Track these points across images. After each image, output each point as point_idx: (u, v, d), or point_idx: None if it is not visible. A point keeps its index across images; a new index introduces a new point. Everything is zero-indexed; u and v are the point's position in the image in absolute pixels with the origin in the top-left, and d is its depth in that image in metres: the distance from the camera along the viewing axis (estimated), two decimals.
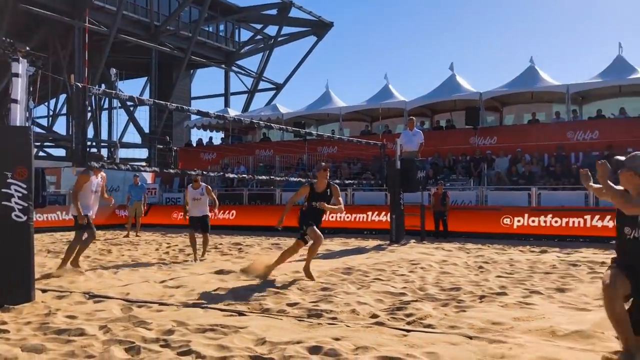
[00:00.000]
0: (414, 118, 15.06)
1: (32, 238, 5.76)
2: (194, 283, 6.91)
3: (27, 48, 5.57)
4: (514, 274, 7.63)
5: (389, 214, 13.47)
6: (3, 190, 5.43)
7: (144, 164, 27.05)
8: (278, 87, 41.58)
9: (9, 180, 5.47)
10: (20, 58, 5.55)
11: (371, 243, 12.81)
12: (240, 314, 5.07)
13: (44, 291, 6.26)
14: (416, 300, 5.61)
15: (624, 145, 15.42)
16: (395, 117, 22.02)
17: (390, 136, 18.86)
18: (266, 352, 3.74)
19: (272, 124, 12.54)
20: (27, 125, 5.76)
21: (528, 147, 17.45)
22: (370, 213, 16.13)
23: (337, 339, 4.03)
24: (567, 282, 6.83)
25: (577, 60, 75.03)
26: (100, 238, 14.98)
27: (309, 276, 7.08)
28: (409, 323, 4.62)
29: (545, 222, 13.71)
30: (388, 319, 4.79)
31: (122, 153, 35.77)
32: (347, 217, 16.41)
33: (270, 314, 5.06)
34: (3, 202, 5.45)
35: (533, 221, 13.87)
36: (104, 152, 35.05)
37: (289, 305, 5.43)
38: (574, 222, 13.36)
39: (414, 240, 13.03)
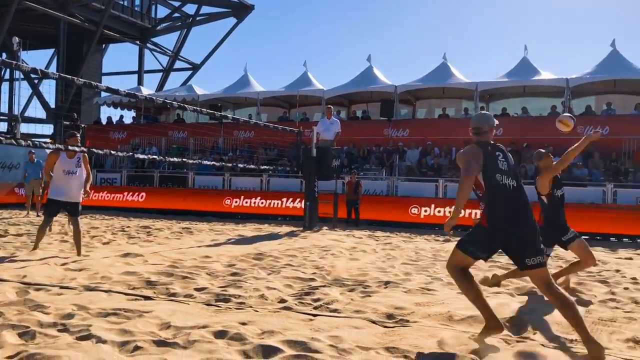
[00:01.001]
0: (332, 107, 15.24)
1: None
2: (98, 266, 6.66)
3: None
4: (418, 262, 7.96)
5: (303, 201, 13.59)
6: None
7: (48, 140, 25.55)
8: (195, 68, 40.54)
9: None
10: None
11: (284, 229, 12.89)
12: (146, 298, 4.96)
13: None
14: (324, 286, 5.73)
15: (526, 142, 16.45)
16: (313, 104, 22.16)
17: (307, 124, 18.99)
18: (170, 337, 3.69)
19: (186, 105, 12.25)
20: None
21: (438, 141, 18.14)
22: (284, 199, 16.21)
23: (243, 324, 4.04)
24: None
25: (486, 60, 78.69)
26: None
27: None
28: (315, 308, 4.72)
29: (450, 212, 14.35)
30: (296, 304, 4.86)
31: (24, 128, 33.64)
32: (262, 203, 16.41)
33: (177, 299, 4.98)
34: None
35: (439, 211, 14.49)
36: (3, 126, 32.81)
37: (197, 290, 5.37)
38: (476, 213, 14.09)
39: (326, 227, 13.25)
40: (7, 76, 37.78)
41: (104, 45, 38.51)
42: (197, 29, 43.44)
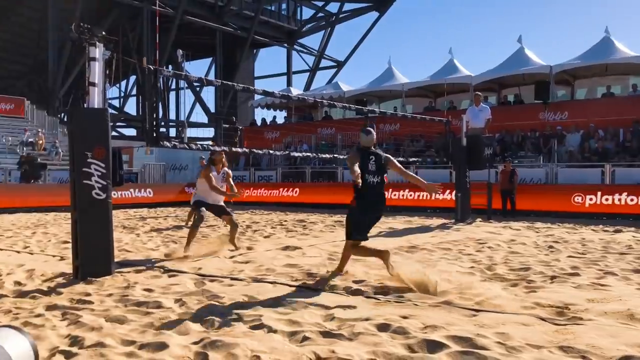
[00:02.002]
0: (480, 94, 14.66)
1: (111, 215, 6.06)
2: (262, 259, 7.08)
3: (103, 32, 5.79)
4: (586, 254, 7.37)
5: (453, 192, 13.25)
6: (84, 169, 5.73)
7: (211, 143, 27.72)
8: (339, 65, 41.43)
9: (89, 160, 5.76)
10: (97, 42, 5.78)
11: (435, 221, 12.68)
12: (309, 289, 5.17)
13: (121, 265, 6.60)
14: (484, 280, 5.54)
15: None
16: (460, 92, 21.50)
17: (455, 112, 18.47)
18: (335, 328, 3.81)
19: (334, 103, 12.54)
20: (104, 107, 6.03)
21: (602, 122, 16.64)
22: None
23: (405, 317, 4.05)
24: None
25: None
26: (172, 214, 15.58)
27: None
28: (477, 303, 4.58)
29: (619, 200, 13.13)
30: (456, 299, 4.76)
31: (190, 132, 36.84)
32: (410, 195, 16.28)
33: (337, 291, 5.12)
34: (84, 181, 5.76)
35: (607, 199, 13.29)
36: (172, 131, 36.17)
37: (355, 282, 5.48)
38: None
39: (480, 219, 12.79)
40: (173, 86, 41.57)
41: (255, 50, 40.81)
42: (340, 27, 44.31)
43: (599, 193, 13.46)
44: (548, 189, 14.78)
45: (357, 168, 5.36)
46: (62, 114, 31.99)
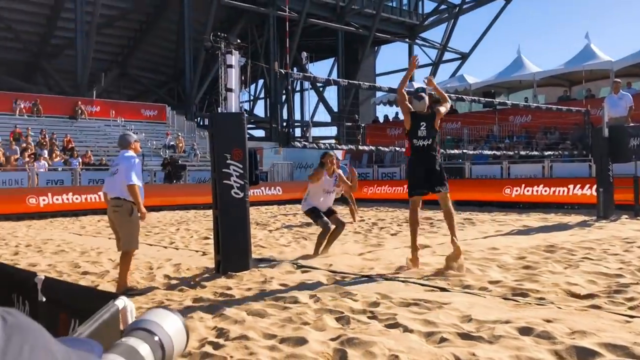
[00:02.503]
0: (619, 80, 13.48)
1: (248, 212, 6.39)
2: (391, 257, 7.07)
3: (238, 41, 6.11)
4: None
5: (594, 187, 12.31)
6: (224, 170, 6.09)
7: (333, 141, 28.21)
8: (464, 57, 40.19)
9: (228, 161, 6.11)
10: (233, 50, 6.11)
11: (574, 219, 11.86)
12: (442, 289, 5.08)
13: (257, 260, 6.92)
14: (637, 283, 5.08)
15: None
16: (599, 79, 19.92)
17: (594, 101, 17.14)
18: (474, 330, 3.71)
19: (462, 96, 12.18)
20: (240, 111, 6.36)
21: None
22: (571, 186, 14.89)
23: (548, 321, 3.83)
24: None
25: None
26: (300, 212, 16.06)
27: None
28: (631, 308, 4.21)
29: None
30: (605, 303, 4.41)
31: (314, 132, 37.74)
32: (545, 191, 15.38)
33: (472, 291, 4.98)
34: (224, 181, 6.12)
35: None
36: (297, 131, 37.24)
37: (491, 282, 5.28)
38: None
39: (626, 216, 11.75)
40: (297, 87, 42.81)
41: (376, 48, 40.84)
42: (463, 17, 42.95)
43: None
44: None
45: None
46: (198, 118, 34.25)
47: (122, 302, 2.09)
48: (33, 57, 31.20)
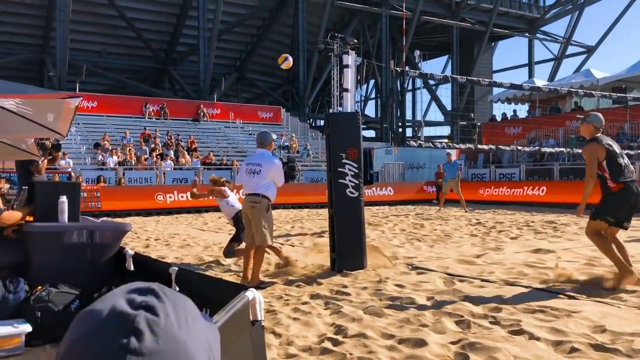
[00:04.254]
0: None
1: (363, 212, 6.40)
2: (512, 261, 6.76)
3: (355, 41, 6.13)
4: None
5: None
6: (339, 169, 6.16)
7: (446, 141, 27.56)
8: (590, 51, 37.58)
9: (344, 161, 6.16)
10: (350, 50, 6.14)
11: None
12: (571, 297, 4.76)
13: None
14: None
15: None
16: None
17: None
18: (608, 342, 3.43)
19: (590, 92, 11.37)
20: (356, 110, 6.39)
21: None
22: None
23: None
24: None
25: None
26: (412, 212, 15.87)
27: None
28: None
29: None
30: None
31: (426, 131, 37.13)
32: None
33: (605, 300, 4.62)
34: (339, 180, 6.18)
35: None
36: (408, 131, 36.85)
37: (626, 292, 4.87)
38: None
39: None
40: (409, 86, 42.34)
41: (493, 43, 39.34)
42: (589, 9, 40.17)
43: None
44: None
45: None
46: (311, 120, 34.97)
47: (251, 293, 2.18)
48: (160, 64, 33.53)
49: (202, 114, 26.66)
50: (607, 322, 3.83)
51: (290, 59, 7.64)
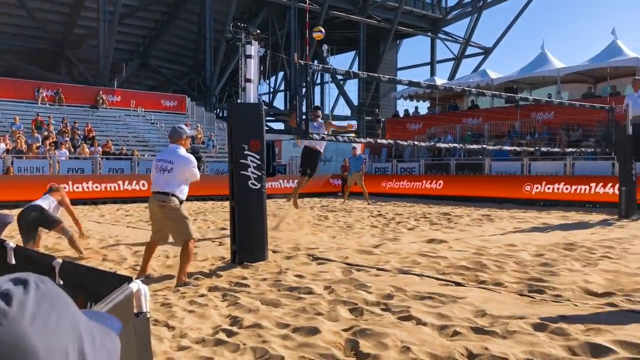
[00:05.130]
0: (639, 78, 13.22)
1: (265, 204, 6.41)
2: (407, 251, 7.05)
3: (258, 31, 6.11)
4: None
5: (616, 186, 12.12)
6: (241, 160, 6.12)
7: (352, 135, 28.15)
8: (487, 52, 39.78)
9: (246, 152, 6.13)
10: (252, 40, 6.11)
11: (595, 217, 11.70)
12: (457, 284, 5.05)
13: (274, 252, 6.96)
14: None
15: None
16: (624, 76, 19.53)
17: (618, 98, 16.83)
18: (487, 325, 3.68)
19: (483, 91, 12.05)
20: (259, 102, 6.37)
21: None
22: (593, 184, 14.70)
23: (564, 318, 3.79)
24: None
25: None
26: (317, 205, 16.09)
27: None
28: None
29: None
30: (622, 301, 4.35)
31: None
32: (566, 189, 15.20)
33: (488, 286, 4.94)
34: (241, 172, 6.15)
35: None
36: None
37: (507, 279, 5.24)
38: None
39: None
40: (317, 80, 42.78)
41: (398, 41, 40.60)
42: (487, 12, 42.51)
43: None
44: None
45: None
46: (218, 110, 34.41)
47: (136, 285, 2.12)
48: (57, 47, 31.58)
49: (101, 100, 25.46)
50: (487, 307, 4.11)
51: (323, 31, 8.21)
